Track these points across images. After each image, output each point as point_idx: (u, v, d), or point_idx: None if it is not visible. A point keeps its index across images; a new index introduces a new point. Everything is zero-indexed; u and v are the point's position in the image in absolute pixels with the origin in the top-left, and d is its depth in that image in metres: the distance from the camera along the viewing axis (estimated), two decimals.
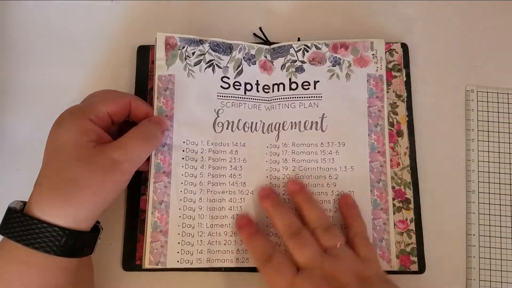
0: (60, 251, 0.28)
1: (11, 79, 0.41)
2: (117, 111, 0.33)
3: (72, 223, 0.29)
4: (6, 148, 0.40)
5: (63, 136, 0.30)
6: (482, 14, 0.43)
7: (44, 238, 0.28)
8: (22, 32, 0.42)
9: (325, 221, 0.34)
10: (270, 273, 0.32)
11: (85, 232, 0.30)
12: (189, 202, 0.36)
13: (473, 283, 0.37)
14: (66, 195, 0.28)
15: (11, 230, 0.28)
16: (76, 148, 0.30)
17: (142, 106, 0.35)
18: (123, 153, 0.30)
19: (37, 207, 0.28)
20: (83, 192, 0.29)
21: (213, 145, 0.37)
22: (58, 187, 0.29)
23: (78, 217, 0.29)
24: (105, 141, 0.32)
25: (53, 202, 0.28)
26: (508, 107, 0.40)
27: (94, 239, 0.31)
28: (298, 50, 0.39)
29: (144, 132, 0.33)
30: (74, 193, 0.29)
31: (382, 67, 0.39)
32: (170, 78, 0.37)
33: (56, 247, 0.28)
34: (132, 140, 0.32)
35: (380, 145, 0.38)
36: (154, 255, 0.35)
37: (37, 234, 0.28)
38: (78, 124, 0.30)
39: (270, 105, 0.39)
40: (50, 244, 0.28)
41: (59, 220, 0.28)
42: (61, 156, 0.30)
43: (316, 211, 0.34)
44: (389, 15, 0.43)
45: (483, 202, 0.38)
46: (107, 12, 0.43)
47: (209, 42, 0.38)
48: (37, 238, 0.28)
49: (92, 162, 0.29)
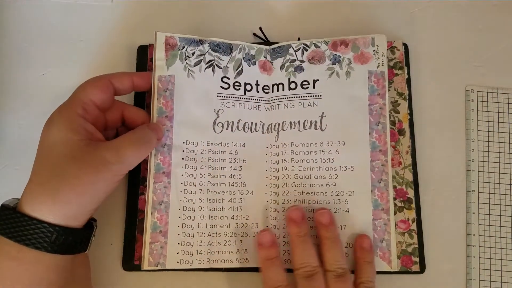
0: (50, 248, 0.28)
1: (11, 79, 0.41)
2: (101, 96, 0.33)
3: (62, 220, 0.29)
4: (6, 148, 0.40)
5: (54, 134, 0.30)
6: (482, 14, 0.43)
7: (35, 235, 0.28)
8: (21, 32, 0.42)
9: (341, 266, 0.33)
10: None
11: (76, 229, 0.30)
12: (189, 202, 0.36)
13: (473, 283, 0.37)
14: (54, 192, 0.28)
15: (3, 227, 0.28)
16: (68, 146, 0.30)
17: (137, 113, 0.35)
18: (115, 154, 0.30)
19: (28, 204, 0.28)
20: (72, 190, 0.29)
21: (213, 146, 0.37)
22: (47, 184, 0.29)
23: (67, 214, 0.29)
24: (96, 138, 0.32)
25: (42, 199, 0.28)
26: (508, 107, 0.40)
27: (87, 237, 0.31)
28: (297, 50, 0.39)
29: (140, 137, 0.33)
30: (62, 191, 0.29)
31: (384, 63, 0.38)
32: (170, 78, 0.37)
33: (46, 243, 0.28)
34: (126, 143, 0.32)
35: (381, 144, 0.37)
36: (154, 256, 0.35)
37: (27, 230, 0.28)
38: (68, 122, 0.31)
39: (270, 106, 0.39)
40: (41, 241, 0.28)
41: (48, 217, 0.28)
42: (52, 153, 0.30)
43: (336, 253, 0.34)
44: (389, 15, 0.43)
45: (483, 202, 0.38)
46: (107, 12, 0.43)
47: (209, 42, 0.38)
48: (28, 234, 0.28)
49: (83, 160, 0.29)
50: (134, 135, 0.33)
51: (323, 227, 0.35)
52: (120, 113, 0.35)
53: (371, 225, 0.36)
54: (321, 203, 0.37)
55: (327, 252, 0.34)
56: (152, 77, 0.37)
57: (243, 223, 0.36)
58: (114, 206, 0.38)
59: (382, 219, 0.36)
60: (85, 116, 0.32)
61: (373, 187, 0.37)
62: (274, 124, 0.38)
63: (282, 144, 0.38)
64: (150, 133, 0.34)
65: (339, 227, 0.36)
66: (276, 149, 0.38)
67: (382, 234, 0.36)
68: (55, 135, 0.30)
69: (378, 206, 0.36)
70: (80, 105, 0.32)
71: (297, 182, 0.37)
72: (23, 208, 0.29)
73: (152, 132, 0.34)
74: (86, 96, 0.32)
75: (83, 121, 0.31)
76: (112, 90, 0.34)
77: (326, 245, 0.34)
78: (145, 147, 0.33)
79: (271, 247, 0.34)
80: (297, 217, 0.35)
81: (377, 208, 0.36)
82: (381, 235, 0.36)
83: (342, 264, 0.34)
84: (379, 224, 0.36)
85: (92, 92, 0.32)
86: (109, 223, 0.37)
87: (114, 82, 0.34)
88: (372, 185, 0.37)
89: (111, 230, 0.37)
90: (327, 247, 0.34)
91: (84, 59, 0.42)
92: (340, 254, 0.34)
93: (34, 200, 0.29)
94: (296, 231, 0.34)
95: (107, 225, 0.37)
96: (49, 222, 0.28)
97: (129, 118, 0.36)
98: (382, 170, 0.37)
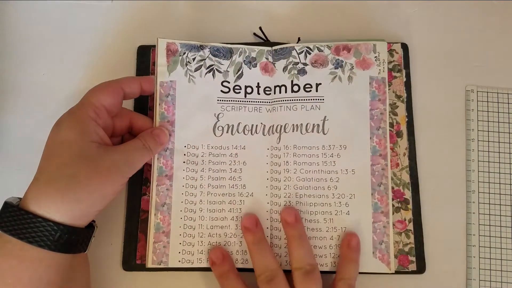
0: (54, 246, 0.28)
1: (11, 79, 0.41)
2: (112, 101, 0.33)
3: (68, 219, 0.29)
4: (6, 148, 0.40)
5: (65, 134, 0.30)
6: (482, 14, 0.43)
7: (39, 233, 0.28)
8: (22, 32, 0.42)
9: (309, 263, 0.33)
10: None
11: (80, 228, 0.30)
12: (190, 204, 0.37)
13: (473, 283, 0.37)
14: (64, 190, 0.29)
15: (6, 224, 0.28)
16: (79, 146, 0.30)
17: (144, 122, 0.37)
18: (123, 156, 0.32)
19: (33, 202, 0.28)
20: (82, 189, 0.29)
21: (213, 149, 0.38)
22: (57, 181, 0.29)
23: (74, 213, 0.29)
24: (106, 143, 0.32)
25: (51, 196, 0.28)
26: (508, 107, 0.40)
27: (88, 237, 0.31)
28: (300, 52, 0.39)
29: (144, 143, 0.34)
30: (73, 189, 0.29)
31: (385, 69, 0.39)
32: (171, 84, 0.38)
33: (50, 241, 0.28)
34: (132, 146, 0.33)
35: (381, 148, 0.38)
36: (157, 255, 0.36)
37: (31, 228, 0.28)
38: (80, 123, 0.31)
39: (272, 107, 0.39)
40: (44, 239, 0.28)
41: (55, 215, 0.28)
42: (63, 152, 0.30)
43: (303, 251, 0.34)
44: (389, 15, 0.43)
45: (483, 202, 0.38)
46: (107, 12, 0.43)
47: (209, 47, 0.39)
48: (31, 232, 0.28)
49: (95, 161, 0.30)
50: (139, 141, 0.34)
51: (289, 226, 0.35)
52: (128, 121, 0.36)
53: (371, 228, 0.36)
54: (322, 205, 0.37)
55: (294, 250, 0.34)
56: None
57: None
58: (114, 206, 0.38)
59: (382, 221, 0.37)
60: (96, 120, 0.32)
61: (373, 191, 0.37)
62: (276, 126, 0.38)
63: (284, 146, 0.38)
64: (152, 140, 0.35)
65: (340, 229, 0.36)
66: (278, 151, 0.38)
67: (382, 236, 0.36)
68: (66, 134, 0.30)
69: (378, 209, 0.37)
70: (92, 108, 0.32)
71: (299, 184, 0.37)
72: (28, 205, 0.28)
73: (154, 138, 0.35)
74: (98, 101, 0.33)
75: (94, 124, 0.32)
76: (122, 95, 0.35)
77: (293, 243, 0.34)
78: (150, 151, 0.34)
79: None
80: (251, 225, 0.35)
81: (377, 211, 0.37)
82: (381, 237, 0.36)
83: (310, 260, 0.33)
84: (379, 226, 0.36)
85: (104, 97, 0.33)
86: (109, 223, 0.38)
87: (124, 87, 0.35)
88: (372, 188, 0.37)
89: (111, 230, 0.38)
90: (294, 245, 0.34)
91: (84, 59, 0.42)
92: (308, 251, 0.34)
93: (41, 198, 0.28)
94: (251, 239, 0.35)
95: (107, 225, 0.37)
96: (54, 221, 0.28)
97: (136, 126, 0.37)
98: (382, 174, 0.37)
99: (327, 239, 0.36)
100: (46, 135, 0.31)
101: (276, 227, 0.37)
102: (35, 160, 0.31)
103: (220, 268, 0.35)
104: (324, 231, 0.37)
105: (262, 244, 0.35)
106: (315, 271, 0.33)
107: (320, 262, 0.36)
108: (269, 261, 0.34)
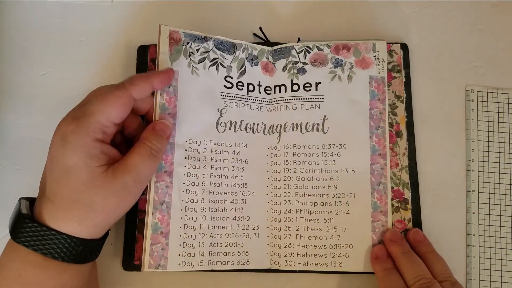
0: (74, 257, 0.29)
1: (11, 79, 0.41)
2: (122, 115, 0.32)
3: (87, 236, 0.30)
4: (6, 148, 0.40)
5: (71, 158, 0.29)
6: (482, 14, 0.43)
7: (62, 248, 0.29)
8: (22, 32, 0.42)
9: (451, 275, 0.34)
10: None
11: (98, 239, 0.31)
12: (191, 203, 0.35)
13: (473, 283, 0.37)
14: (81, 217, 0.29)
15: (27, 239, 0.28)
16: (88, 174, 0.29)
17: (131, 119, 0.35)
18: (133, 175, 0.30)
19: (53, 221, 0.29)
20: (98, 215, 0.30)
21: (216, 145, 0.37)
22: (72, 209, 0.29)
23: (92, 233, 0.30)
24: (113, 158, 0.31)
25: (70, 221, 0.29)
26: (508, 107, 0.40)
27: (102, 244, 0.32)
28: (299, 52, 0.39)
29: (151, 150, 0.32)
30: (88, 217, 0.29)
31: (384, 69, 0.39)
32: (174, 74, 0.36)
33: (73, 255, 0.29)
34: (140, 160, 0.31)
35: (381, 148, 0.38)
36: (154, 258, 0.34)
37: (55, 243, 0.28)
38: (86, 148, 0.30)
39: (272, 107, 0.39)
40: (68, 253, 0.29)
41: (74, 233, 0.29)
42: (72, 180, 0.29)
43: (443, 263, 0.35)
44: (389, 15, 0.43)
45: (483, 202, 0.38)
46: (107, 12, 0.43)
47: (214, 40, 0.38)
48: (55, 247, 0.28)
49: (105, 187, 0.30)
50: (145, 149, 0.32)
51: (421, 243, 0.36)
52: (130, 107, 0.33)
53: (370, 227, 0.36)
54: (322, 205, 0.37)
55: (434, 264, 0.35)
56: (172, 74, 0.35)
57: (245, 224, 0.36)
58: None
59: (381, 221, 0.37)
60: (103, 139, 0.31)
61: (372, 190, 0.37)
62: (276, 126, 0.38)
63: (284, 146, 0.38)
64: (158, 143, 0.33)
65: (340, 229, 0.36)
66: (278, 151, 0.38)
67: (380, 235, 0.36)
68: (72, 159, 0.29)
69: (377, 209, 0.37)
70: (99, 128, 0.30)
71: (299, 183, 0.37)
72: (47, 222, 0.29)
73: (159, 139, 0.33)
74: (107, 118, 0.31)
75: (100, 145, 0.30)
76: (132, 104, 0.33)
77: (430, 258, 0.35)
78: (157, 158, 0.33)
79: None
80: (396, 237, 0.36)
81: (376, 210, 0.37)
82: (379, 236, 0.36)
83: (451, 273, 0.35)
84: (378, 225, 0.37)
85: (114, 113, 0.31)
86: None
87: (135, 95, 0.32)
88: (372, 187, 0.37)
89: (111, 230, 0.37)
90: (432, 259, 0.35)
91: (84, 59, 0.42)
92: (446, 265, 0.35)
93: (60, 220, 0.29)
94: (399, 249, 0.35)
95: None
96: (76, 237, 0.29)
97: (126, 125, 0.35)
98: (381, 173, 0.37)
99: (327, 238, 0.36)
100: (46, 135, 0.31)
101: (276, 227, 0.37)
102: (35, 160, 0.31)
103: (385, 263, 0.35)
104: (324, 231, 0.36)
105: (412, 253, 0.35)
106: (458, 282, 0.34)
107: (320, 262, 0.36)
108: (424, 270, 0.34)
